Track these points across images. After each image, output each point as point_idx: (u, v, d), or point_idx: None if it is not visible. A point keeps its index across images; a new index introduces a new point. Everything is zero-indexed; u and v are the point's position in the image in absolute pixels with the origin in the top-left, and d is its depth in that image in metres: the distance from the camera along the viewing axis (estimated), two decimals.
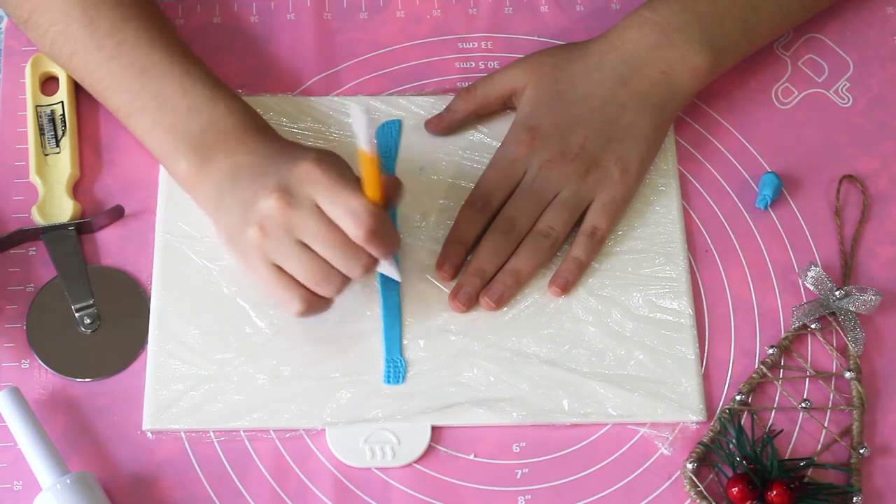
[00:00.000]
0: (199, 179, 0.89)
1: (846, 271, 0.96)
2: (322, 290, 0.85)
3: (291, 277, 0.85)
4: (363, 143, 0.81)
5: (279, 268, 0.85)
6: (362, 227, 0.82)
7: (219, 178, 0.88)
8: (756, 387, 0.92)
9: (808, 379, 0.93)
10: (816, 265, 0.94)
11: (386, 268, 0.89)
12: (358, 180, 0.84)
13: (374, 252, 0.84)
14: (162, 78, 0.90)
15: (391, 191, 0.87)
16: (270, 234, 0.84)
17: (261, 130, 0.90)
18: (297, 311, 0.86)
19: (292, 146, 0.89)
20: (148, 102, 0.90)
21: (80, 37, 0.91)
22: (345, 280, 0.85)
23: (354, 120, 0.79)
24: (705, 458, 0.89)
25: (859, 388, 0.91)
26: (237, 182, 0.86)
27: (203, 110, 0.89)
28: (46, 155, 0.97)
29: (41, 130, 0.98)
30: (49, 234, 0.94)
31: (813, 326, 0.93)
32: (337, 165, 0.85)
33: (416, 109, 1.00)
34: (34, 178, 0.96)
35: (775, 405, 0.92)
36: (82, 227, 0.95)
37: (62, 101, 0.99)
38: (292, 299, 0.85)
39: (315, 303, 0.86)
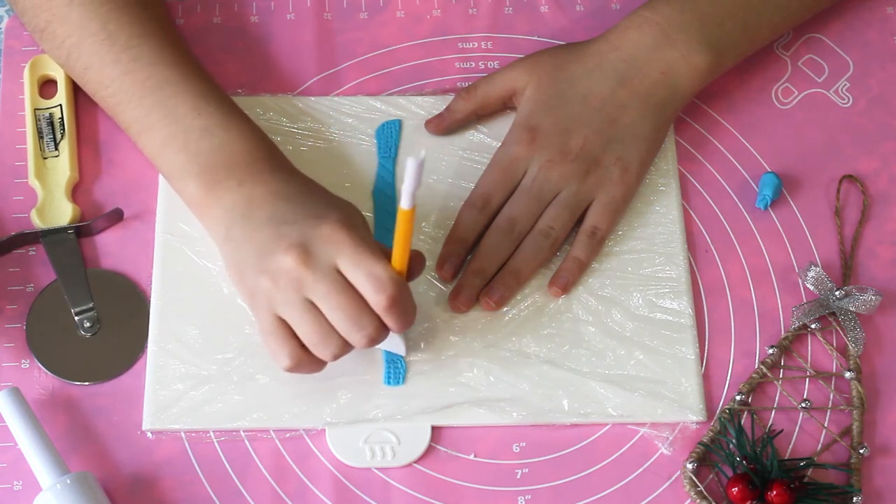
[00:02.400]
0: (207, 204, 0.88)
1: (846, 271, 0.96)
2: (319, 352, 0.84)
3: (290, 332, 0.84)
4: (407, 199, 0.77)
5: (281, 319, 0.84)
6: (384, 293, 0.81)
7: (230, 206, 0.86)
8: (756, 387, 0.92)
9: (808, 379, 0.93)
10: (816, 265, 0.94)
11: (393, 342, 0.88)
12: (381, 247, 0.83)
13: (391, 322, 0.82)
14: (176, 97, 0.89)
15: (415, 264, 0.86)
16: (281, 287, 0.82)
17: (273, 161, 0.89)
18: (284, 366, 0.84)
19: (313, 192, 0.87)
20: (160, 120, 0.89)
21: (96, 50, 0.91)
22: (344, 346, 0.84)
23: (408, 173, 0.74)
24: (705, 458, 0.89)
25: (859, 388, 0.91)
26: (251, 219, 0.85)
27: (215, 133, 0.88)
28: (45, 158, 0.97)
29: (40, 134, 0.98)
30: (48, 237, 0.94)
31: (813, 326, 0.93)
32: (361, 228, 0.84)
33: (416, 109, 1.00)
34: (33, 182, 0.96)
35: (775, 405, 0.92)
36: (81, 231, 0.95)
37: (60, 105, 0.99)
38: (284, 354, 0.84)
39: (305, 363, 0.85)
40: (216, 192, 0.87)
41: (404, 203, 0.77)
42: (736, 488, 0.87)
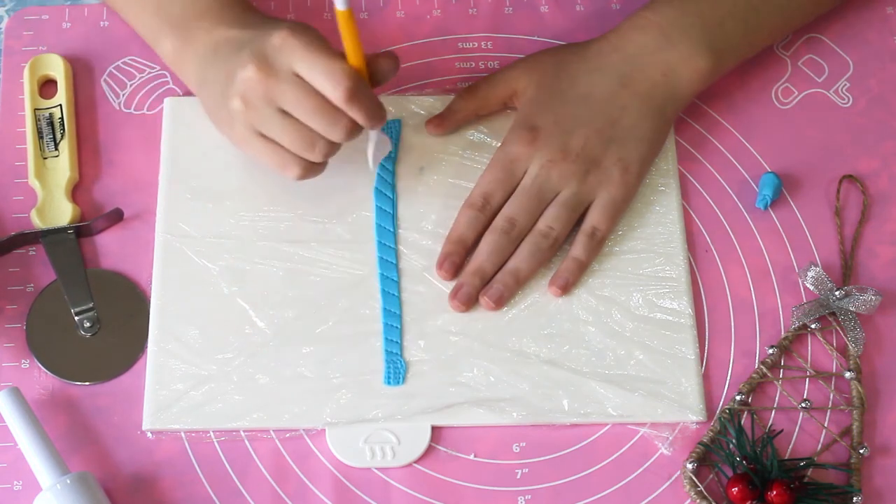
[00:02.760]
0: (183, 58, 0.92)
1: (846, 271, 0.96)
2: (308, 156, 0.87)
3: (280, 144, 0.87)
4: (341, 2, 0.82)
5: (268, 137, 0.87)
6: (340, 87, 0.83)
7: (202, 53, 0.91)
8: (756, 387, 0.92)
9: (808, 379, 0.93)
10: (816, 265, 0.94)
11: (377, 141, 0.91)
12: (334, 49, 0.86)
13: (355, 114, 0.85)
14: None
15: (383, 64, 0.88)
16: (252, 103, 0.86)
17: (239, 4, 0.92)
18: (295, 175, 0.88)
19: (270, 19, 0.91)
20: None
21: None
22: (330, 144, 0.87)
23: None
24: (705, 458, 0.89)
25: (859, 388, 0.91)
26: (218, 57, 0.89)
27: None
28: (45, 158, 0.97)
29: (40, 134, 0.98)
30: (48, 237, 0.94)
31: (813, 326, 0.93)
32: (312, 34, 0.86)
33: (416, 109, 1.00)
34: (33, 182, 0.96)
35: (775, 405, 0.92)
36: (81, 231, 0.95)
37: (60, 105, 0.99)
38: (286, 164, 0.88)
39: (309, 165, 0.88)
40: (190, 46, 0.92)
41: (339, 5, 0.82)
42: (736, 488, 0.87)
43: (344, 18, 0.83)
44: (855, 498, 0.87)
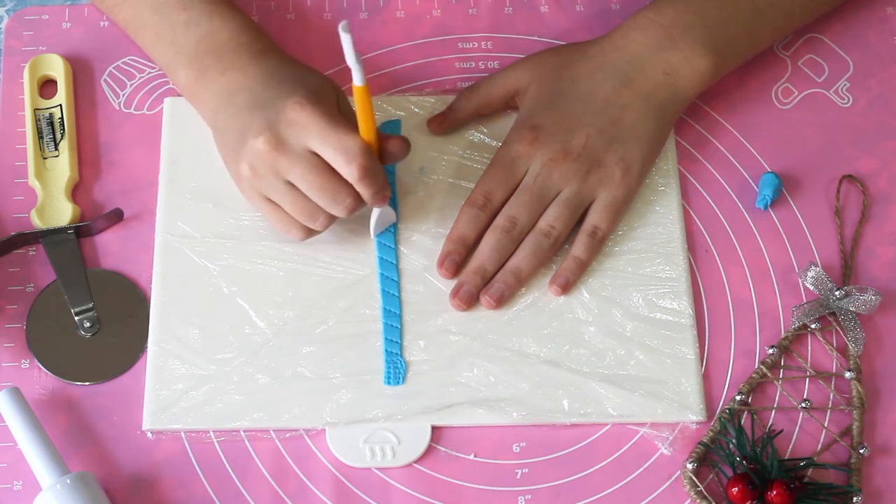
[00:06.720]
0: (197, 92, 0.93)
1: (846, 271, 0.96)
2: (310, 225, 0.90)
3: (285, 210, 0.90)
4: (353, 69, 0.82)
5: (272, 200, 0.89)
6: (354, 164, 0.85)
7: (216, 93, 0.91)
8: (756, 387, 0.92)
9: (808, 379, 0.93)
10: (816, 265, 0.94)
11: (384, 215, 0.93)
12: (350, 120, 0.87)
13: (364, 191, 0.87)
14: None
15: (393, 146, 0.90)
16: (259, 172, 0.88)
17: (256, 46, 0.93)
18: (297, 238, 0.91)
19: (289, 73, 0.91)
20: (151, 17, 0.95)
21: None
22: (330, 217, 0.90)
23: (344, 45, 0.80)
24: (705, 458, 0.89)
25: (859, 388, 0.91)
26: (232, 105, 0.90)
27: (200, 23, 0.93)
28: (45, 158, 0.97)
29: (40, 134, 0.98)
30: (48, 237, 0.94)
31: (813, 326, 0.93)
32: (326, 104, 0.87)
33: (416, 109, 1.00)
34: (33, 182, 0.96)
35: (775, 405, 0.92)
36: (81, 231, 0.95)
37: (60, 105, 0.99)
38: (289, 228, 0.91)
39: (311, 231, 0.91)
40: (204, 80, 0.92)
41: (357, 81, 0.82)
42: (736, 488, 0.87)
43: (360, 94, 0.84)
44: (855, 498, 0.87)
